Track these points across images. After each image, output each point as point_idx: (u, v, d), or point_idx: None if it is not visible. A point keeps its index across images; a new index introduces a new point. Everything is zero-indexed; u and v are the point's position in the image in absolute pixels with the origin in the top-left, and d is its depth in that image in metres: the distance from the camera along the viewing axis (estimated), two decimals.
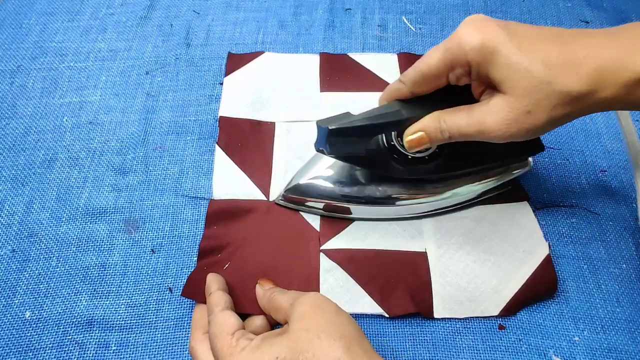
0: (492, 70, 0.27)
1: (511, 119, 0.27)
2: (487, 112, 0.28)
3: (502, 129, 0.28)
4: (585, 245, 0.39)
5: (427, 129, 0.31)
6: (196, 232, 0.39)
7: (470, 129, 0.29)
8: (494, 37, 0.27)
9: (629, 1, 0.57)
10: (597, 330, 0.35)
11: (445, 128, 0.30)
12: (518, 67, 0.26)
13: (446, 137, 0.30)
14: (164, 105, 0.46)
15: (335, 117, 0.32)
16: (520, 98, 0.27)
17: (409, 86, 0.31)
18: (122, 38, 0.52)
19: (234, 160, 0.43)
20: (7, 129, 0.45)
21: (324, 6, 0.55)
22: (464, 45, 0.28)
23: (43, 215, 0.39)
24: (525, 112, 0.27)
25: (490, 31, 0.27)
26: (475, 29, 0.28)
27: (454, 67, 0.29)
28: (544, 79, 0.26)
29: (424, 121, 0.31)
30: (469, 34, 0.28)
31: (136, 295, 0.36)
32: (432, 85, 0.31)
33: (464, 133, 0.29)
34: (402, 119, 0.31)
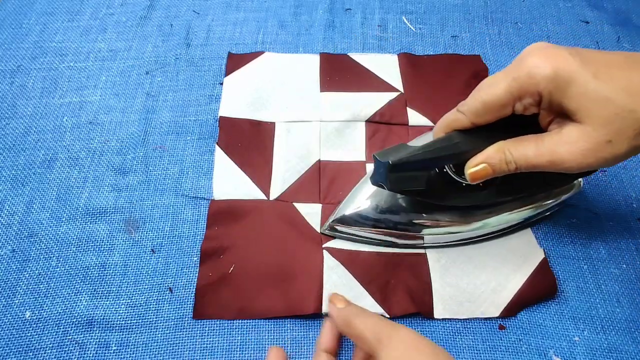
0: (567, 99, 0.26)
1: (588, 149, 0.26)
2: (559, 142, 0.27)
3: (577, 159, 0.27)
4: (585, 245, 0.39)
5: (491, 160, 0.29)
6: (196, 232, 0.39)
7: (540, 159, 0.28)
8: (567, 65, 0.26)
9: (629, 1, 0.57)
10: (597, 330, 0.35)
11: (511, 159, 0.29)
12: (596, 96, 0.25)
13: (512, 168, 0.29)
14: (164, 105, 0.46)
15: (392, 150, 0.30)
16: (599, 127, 0.26)
17: (470, 117, 0.30)
18: (122, 38, 0.52)
19: (234, 160, 0.43)
20: (7, 129, 0.45)
21: (324, 6, 0.55)
22: (535, 74, 0.26)
23: (43, 215, 0.39)
24: (605, 141, 0.26)
25: (562, 59, 0.26)
26: (545, 57, 0.27)
27: (522, 97, 0.28)
28: (626, 107, 0.25)
29: (487, 152, 0.29)
30: (539, 62, 0.27)
31: (136, 295, 0.36)
32: (495, 116, 0.29)
33: (532, 164, 0.28)
34: (463, 151, 0.30)
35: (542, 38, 0.53)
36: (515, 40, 0.53)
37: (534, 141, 0.28)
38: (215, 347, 0.34)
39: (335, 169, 0.42)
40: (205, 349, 0.34)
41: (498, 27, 0.54)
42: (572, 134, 0.27)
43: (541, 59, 0.27)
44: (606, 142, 0.26)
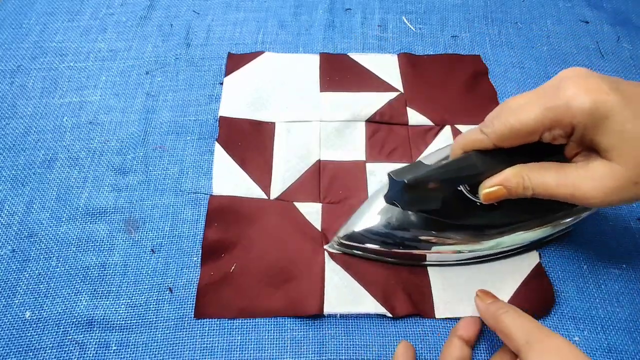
0: (600, 136, 0.25)
1: (614, 187, 0.26)
2: (585, 177, 0.26)
3: (600, 196, 0.26)
4: (585, 245, 0.39)
5: (509, 183, 0.28)
6: (196, 231, 0.39)
7: (560, 190, 0.27)
8: (607, 100, 0.25)
9: (629, 1, 0.58)
10: (597, 330, 0.35)
11: (529, 185, 0.28)
12: (632, 136, 0.25)
13: (529, 194, 0.28)
14: (164, 105, 0.46)
15: (408, 168, 0.30)
16: (631, 169, 0.25)
17: (493, 139, 0.28)
18: (122, 38, 0.52)
19: (234, 160, 0.43)
20: (7, 129, 0.44)
21: (324, 6, 0.55)
22: (572, 107, 0.25)
23: (43, 215, 0.39)
24: (634, 183, 0.25)
25: (603, 94, 0.25)
26: (584, 90, 0.25)
27: (553, 128, 0.27)
28: None
29: (505, 174, 0.29)
30: (578, 94, 0.25)
31: (136, 295, 0.36)
32: (521, 142, 0.28)
33: (552, 193, 0.28)
34: (481, 172, 0.30)
35: (542, 38, 0.53)
36: (515, 40, 0.53)
37: (556, 170, 0.27)
38: (215, 347, 0.34)
39: (335, 168, 0.42)
40: (205, 349, 0.34)
41: (498, 27, 0.54)
42: (599, 171, 0.26)
43: (581, 91, 0.25)
44: (634, 184, 0.25)
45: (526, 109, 0.27)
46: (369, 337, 0.34)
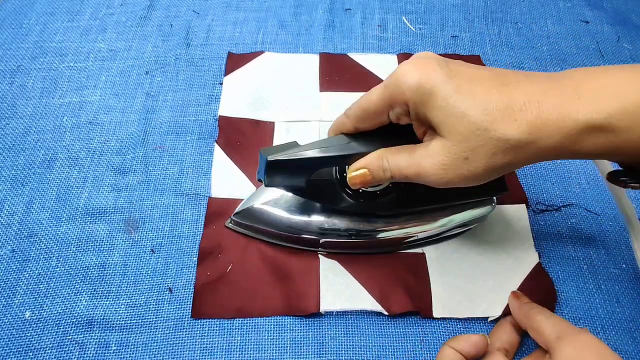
0: (430, 112, 0.26)
1: (448, 164, 0.26)
2: (425, 155, 0.27)
3: (438, 173, 0.26)
4: (585, 245, 0.39)
5: (371, 166, 0.29)
6: (196, 232, 0.39)
7: (409, 170, 0.28)
8: (432, 77, 0.25)
9: (629, 1, 0.58)
10: (597, 330, 0.35)
11: (387, 167, 0.29)
12: (454, 111, 0.25)
13: (388, 176, 0.29)
14: (164, 105, 0.46)
15: (280, 147, 0.30)
16: (457, 143, 0.25)
17: (352, 121, 0.30)
18: (122, 38, 0.52)
19: (233, 160, 0.43)
20: (7, 129, 0.45)
21: (324, 6, 0.55)
22: (401, 84, 0.26)
23: (43, 215, 0.39)
24: (463, 158, 0.25)
25: (429, 70, 0.26)
26: (414, 67, 0.26)
27: (392, 106, 0.28)
28: (481, 125, 0.24)
29: (368, 158, 0.30)
30: (407, 72, 0.26)
31: (136, 295, 0.36)
32: (373, 122, 0.29)
33: (403, 174, 0.28)
34: (346, 155, 0.30)
35: (542, 38, 0.53)
36: (515, 40, 0.53)
37: (408, 151, 0.28)
38: (215, 347, 0.34)
39: None
40: (205, 349, 0.34)
41: (498, 27, 0.54)
42: (435, 148, 0.26)
43: (410, 68, 0.26)
44: (463, 159, 0.25)
45: (373, 91, 0.28)
46: (369, 337, 0.34)
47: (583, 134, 0.24)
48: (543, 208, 0.40)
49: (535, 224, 0.40)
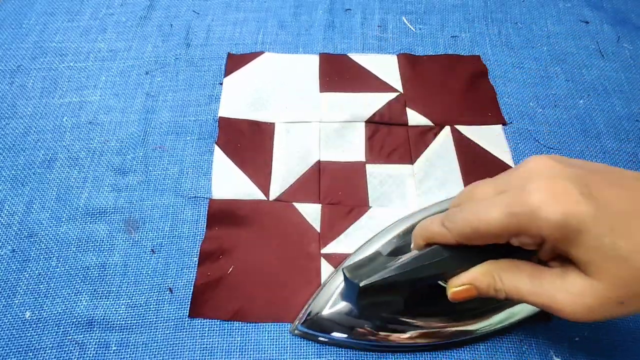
0: (576, 250, 0.22)
1: (595, 305, 0.23)
2: (562, 290, 0.23)
3: (580, 312, 0.23)
4: None
5: (479, 283, 0.26)
6: (196, 232, 0.39)
7: (534, 298, 0.24)
8: (578, 212, 0.22)
9: (629, 1, 0.58)
10: (597, 331, 0.35)
11: (501, 288, 0.25)
12: (612, 253, 0.22)
13: (502, 297, 0.25)
14: (164, 105, 0.46)
15: (364, 263, 0.26)
16: (612, 288, 0.22)
17: (456, 236, 0.25)
18: (122, 38, 0.52)
19: (233, 161, 0.43)
20: (7, 129, 0.45)
21: (324, 6, 0.55)
22: (540, 218, 0.22)
23: (43, 215, 0.39)
24: (618, 303, 0.23)
25: (573, 203, 0.22)
26: (553, 196, 0.22)
27: (519, 235, 0.23)
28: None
29: (474, 273, 0.26)
30: (545, 203, 0.22)
31: (136, 295, 0.36)
32: (485, 242, 0.25)
33: (525, 300, 0.25)
34: (447, 272, 0.26)
35: (542, 38, 0.53)
36: (515, 40, 0.53)
37: (530, 274, 0.25)
38: (215, 347, 0.34)
39: (335, 169, 0.42)
40: (205, 349, 0.34)
41: (498, 27, 0.54)
42: (577, 285, 0.23)
43: (548, 198, 0.22)
44: (618, 304, 0.23)
45: (489, 209, 0.24)
46: None
47: None
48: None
49: None
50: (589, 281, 0.23)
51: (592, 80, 0.49)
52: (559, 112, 0.47)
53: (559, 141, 0.45)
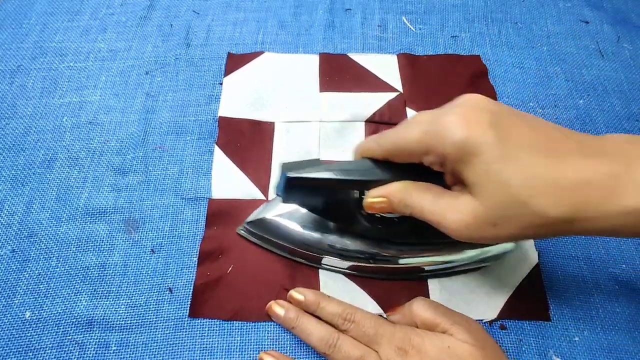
0: (468, 171, 0.25)
1: (473, 224, 0.25)
2: (452, 208, 0.26)
3: (460, 230, 0.26)
4: (585, 245, 0.39)
5: (393, 197, 0.28)
6: (196, 232, 0.39)
7: (430, 216, 0.27)
8: (478, 137, 0.24)
9: (629, 1, 0.57)
10: (597, 330, 0.35)
11: (409, 203, 0.27)
12: (495, 177, 0.24)
13: (407, 212, 0.28)
14: (164, 105, 0.46)
15: (302, 164, 0.30)
16: (490, 210, 0.24)
17: (383, 152, 0.28)
18: (122, 38, 0.52)
19: (233, 161, 0.43)
20: (7, 129, 0.45)
21: (324, 6, 0.55)
22: (444, 137, 0.25)
23: (43, 215, 0.39)
24: (491, 224, 0.25)
25: (479, 128, 0.24)
26: (462, 120, 0.25)
27: (427, 153, 0.26)
28: (520, 198, 0.24)
29: (390, 187, 0.28)
30: (454, 125, 0.25)
31: (136, 295, 0.36)
32: (405, 160, 0.28)
33: (424, 217, 0.27)
34: (368, 180, 0.29)
35: (542, 38, 0.53)
36: (515, 40, 0.53)
37: (434, 194, 0.27)
38: (215, 347, 0.34)
39: None
40: (205, 349, 0.34)
41: (498, 27, 0.54)
42: (463, 204, 0.25)
43: (458, 121, 0.25)
44: (492, 225, 0.25)
45: (411, 129, 0.26)
46: None
47: (627, 216, 0.23)
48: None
49: None
50: (473, 202, 0.25)
51: (592, 80, 0.49)
52: (559, 112, 0.47)
53: None
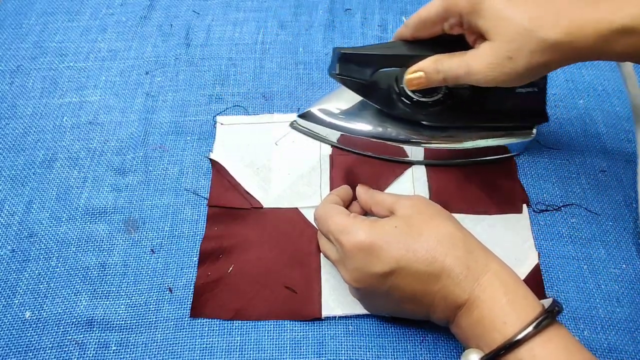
0: (480, 19, 0.30)
1: (494, 63, 0.30)
2: (474, 56, 0.31)
3: (484, 71, 0.30)
4: (585, 245, 0.39)
5: (426, 69, 0.34)
6: (196, 232, 0.39)
7: (460, 70, 0.32)
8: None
9: None
10: (597, 330, 0.35)
11: (441, 69, 0.33)
12: (503, 16, 0.29)
13: (440, 78, 0.33)
14: (164, 106, 0.46)
15: (352, 48, 0.37)
16: (503, 44, 0.29)
17: (411, 30, 0.35)
18: (122, 38, 0.52)
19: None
20: (7, 129, 0.45)
21: (324, 6, 0.55)
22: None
23: (43, 215, 0.39)
24: (507, 57, 0.29)
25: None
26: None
27: (447, 16, 0.32)
28: (526, 27, 0.28)
29: (423, 62, 0.34)
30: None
31: (136, 295, 0.36)
32: (429, 31, 0.34)
33: (454, 73, 0.32)
34: (405, 55, 0.35)
35: None
36: None
37: (460, 55, 0.32)
38: (215, 347, 0.34)
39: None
40: (205, 349, 0.34)
41: None
42: (484, 49, 0.30)
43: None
44: (508, 58, 0.29)
45: (430, 3, 0.33)
46: (369, 337, 0.34)
47: (616, 35, 0.27)
48: (543, 208, 0.40)
49: (535, 224, 0.40)
50: (490, 43, 0.30)
51: (592, 80, 0.49)
52: (559, 112, 0.47)
53: (559, 141, 0.45)
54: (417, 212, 0.31)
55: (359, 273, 0.30)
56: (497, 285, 0.27)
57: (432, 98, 0.39)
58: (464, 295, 0.28)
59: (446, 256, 0.28)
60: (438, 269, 0.28)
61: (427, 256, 0.28)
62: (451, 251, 0.28)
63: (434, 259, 0.28)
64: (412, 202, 0.32)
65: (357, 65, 0.37)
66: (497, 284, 0.28)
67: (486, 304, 0.27)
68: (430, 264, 0.28)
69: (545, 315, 0.26)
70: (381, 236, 0.29)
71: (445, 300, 0.28)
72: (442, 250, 0.28)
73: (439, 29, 0.34)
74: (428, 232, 0.29)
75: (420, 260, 0.28)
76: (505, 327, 0.26)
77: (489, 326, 0.26)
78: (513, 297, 0.27)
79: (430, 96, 0.39)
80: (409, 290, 0.29)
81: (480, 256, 0.29)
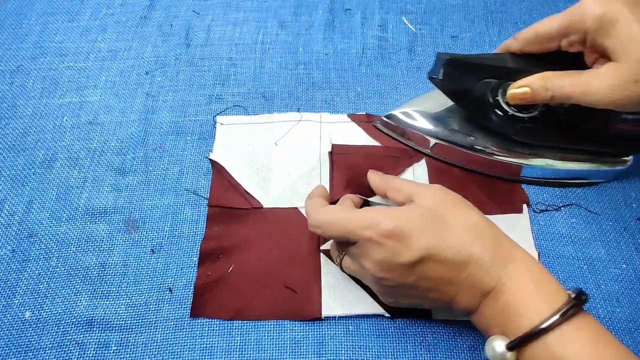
0: (607, 39, 0.29)
1: (616, 85, 0.29)
2: (594, 77, 0.30)
3: (604, 93, 0.29)
4: (585, 245, 0.39)
5: (533, 85, 0.32)
6: (196, 232, 0.39)
7: (573, 89, 0.31)
8: (616, 9, 0.29)
9: None
10: None
11: (550, 87, 0.32)
12: (634, 37, 0.28)
13: (549, 95, 0.32)
14: (164, 106, 0.46)
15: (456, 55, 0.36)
16: (631, 66, 0.28)
17: (521, 43, 0.34)
18: (122, 38, 0.52)
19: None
20: (7, 129, 0.45)
21: (324, 6, 0.55)
22: (586, 13, 0.30)
23: (43, 215, 0.39)
24: (633, 80, 0.28)
25: (614, 4, 0.29)
26: (600, 1, 0.30)
27: (569, 33, 0.31)
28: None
29: (531, 77, 0.33)
30: (593, 3, 0.30)
31: (136, 295, 0.36)
32: (542, 47, 0.33)
33: (566, 93, 0.31)
34: (508, 67, 0.34)
35: None
36: None
37: (574, 75, 0.31)
38: (215, 347, 0.34)
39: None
40: (205, 349, 0.34)
41: (498, 27, 0.54)
42: (606, 71, 0.29)
43: (596, 2, 0.30)
44: (634, 81, 0.28)
45: (550, 19, 0.32)
46: (369, 337, 0.34)
47: None
48: (543, 208, 0.40)
49: (535, 224, 0.40)
50: (614, 65, 0.29)
51: None
52: None
53: None
54: (440, 201, 0.30)
55: (386, 263, 0.29)
56: (523, 273, 0.27)
57: (529, 114, 0.37)
58: (492, 283, 0.27)
59: (474, 244, 0.28)
60: (466, 257, 0.28)
61: (455, 244, 0.28)
62: (479, 239, 0.28)
63: (462, 247, 0.28)
64: (433, 190, 0.31)
65: (463, 72, 0.36)
66: (523, 271, 0.27)
67: (513, 290, 0.27)
68: (458, 252, 0.28)
69: (574, 302, 0.26)
70: (409, 224, 0.28)
71: (472, 288, 0.28)
72: (470, 239, 0.28)
73: (555, 45, 0.33)
74: (455, 221, 0.29)
75: (449, 248, 0.28)
76: (533, 314, 0.26)
77: (516, 312, 0.26)
78: (540, 285, 0.27)
79: (527, 112, 0.37)
80: (436, 278, 0.28)
81: (506, 244, 0.29)
